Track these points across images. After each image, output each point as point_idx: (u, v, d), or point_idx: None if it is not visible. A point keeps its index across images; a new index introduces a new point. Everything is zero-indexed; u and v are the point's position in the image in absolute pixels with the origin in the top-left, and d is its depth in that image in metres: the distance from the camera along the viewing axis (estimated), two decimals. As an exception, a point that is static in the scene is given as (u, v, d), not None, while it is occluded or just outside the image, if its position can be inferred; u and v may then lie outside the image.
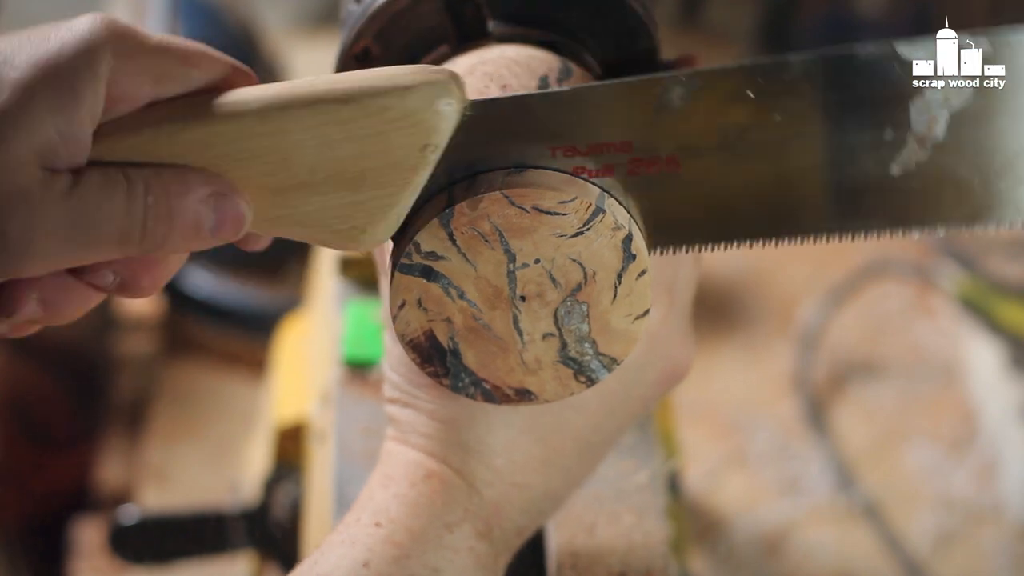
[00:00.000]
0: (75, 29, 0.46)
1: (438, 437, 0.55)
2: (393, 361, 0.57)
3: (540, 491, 0.56)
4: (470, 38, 0.57)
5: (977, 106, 0.50)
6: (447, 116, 0.49)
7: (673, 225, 0.52)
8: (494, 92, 0.53)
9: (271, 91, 0.49)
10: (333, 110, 0.48)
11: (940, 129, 0.51)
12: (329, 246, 0.52)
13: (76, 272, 0.49)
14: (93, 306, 0.51)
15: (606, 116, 0.51)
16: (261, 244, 0.53)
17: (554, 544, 0.64)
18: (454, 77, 0.50)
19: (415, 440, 0.56)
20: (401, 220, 0.51)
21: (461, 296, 0.51)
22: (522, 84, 0.54)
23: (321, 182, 0.49)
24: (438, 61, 0.57)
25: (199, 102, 0.49)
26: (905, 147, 0.51)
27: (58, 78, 0.45)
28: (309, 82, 0.49)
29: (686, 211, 0.52)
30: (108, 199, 0.46)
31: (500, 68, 0.55)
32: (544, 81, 0.54)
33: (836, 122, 0.51)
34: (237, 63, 0.51)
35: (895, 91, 0.50)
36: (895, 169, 0.51)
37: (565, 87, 0.52)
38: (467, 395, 0.53)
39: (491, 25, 0.57)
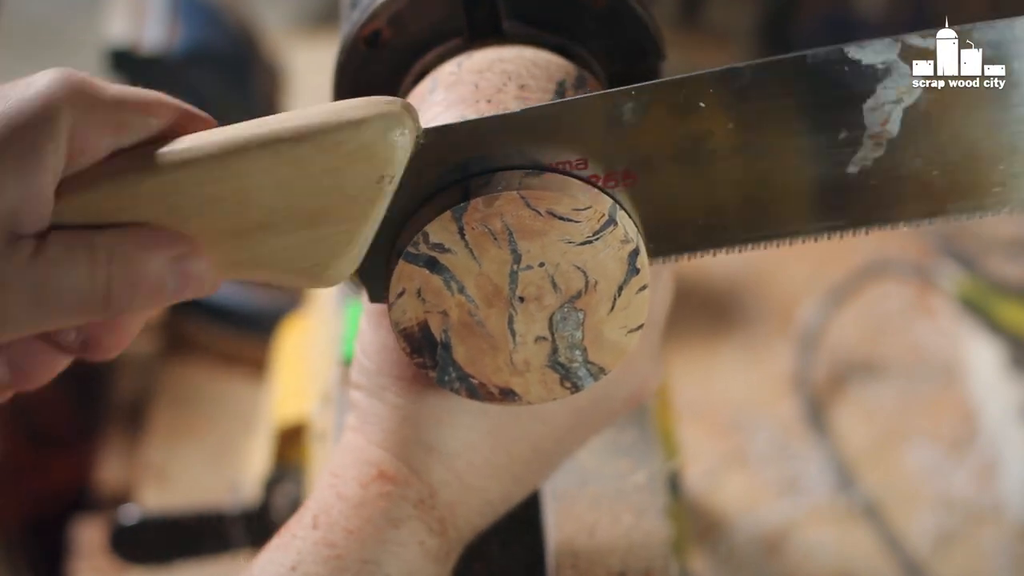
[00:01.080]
0: (33, 86, 0.46)
1: (400, 433, 0.55)
2: (367, 346, 0.57)
3: (496, 494, 0.57)
4: (483, 34, 0.57)
5: (930, 101, 0.51)
6: (401, 147, 0.49)
7: None
8: (512, 90, 0.53)
9: (225, 135, 0.49)
10: (288, 149, 0.48)
11: (894, 126, 0.51)
12: (293, 286, 0.52)
13: (41, 334, 0.49)
14: (61, 369, 0.51)
15: (561, 135, 0.51)
16: (213, 290, 0.53)
17: (554, 544, 0.64)
18: (407, 107, 0.50)
19: (374, 433, 0.56)
20: (363, 255, 0.51)
21: (461, 291, 0.51)
22: (539, 86, 0.54)
23: (281, 222, 0.49)
24: (450, 53, 0.57)
25: (156, 151, 0.49)
26: (861, 146, 0.51)
27: (20, 139, 0.45)
28: (261, 122, 0.49)
29: (645, 224, 0.52)
30: (71, 268, 0.46)
31: (519, 67, 0.54)
32: (561, 87, 0.54)
33: (790, 127, 0.51)
34: (192, 108, 0.51)
35: (846, 92, 0.51)
36: (853, 168, 0.51)
37: (515, 110, 0.52)
38: (452, 389, 0.53)
39: (505, 24, 0.57)
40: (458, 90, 0.53)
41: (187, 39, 1.29)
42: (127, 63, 1.26)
